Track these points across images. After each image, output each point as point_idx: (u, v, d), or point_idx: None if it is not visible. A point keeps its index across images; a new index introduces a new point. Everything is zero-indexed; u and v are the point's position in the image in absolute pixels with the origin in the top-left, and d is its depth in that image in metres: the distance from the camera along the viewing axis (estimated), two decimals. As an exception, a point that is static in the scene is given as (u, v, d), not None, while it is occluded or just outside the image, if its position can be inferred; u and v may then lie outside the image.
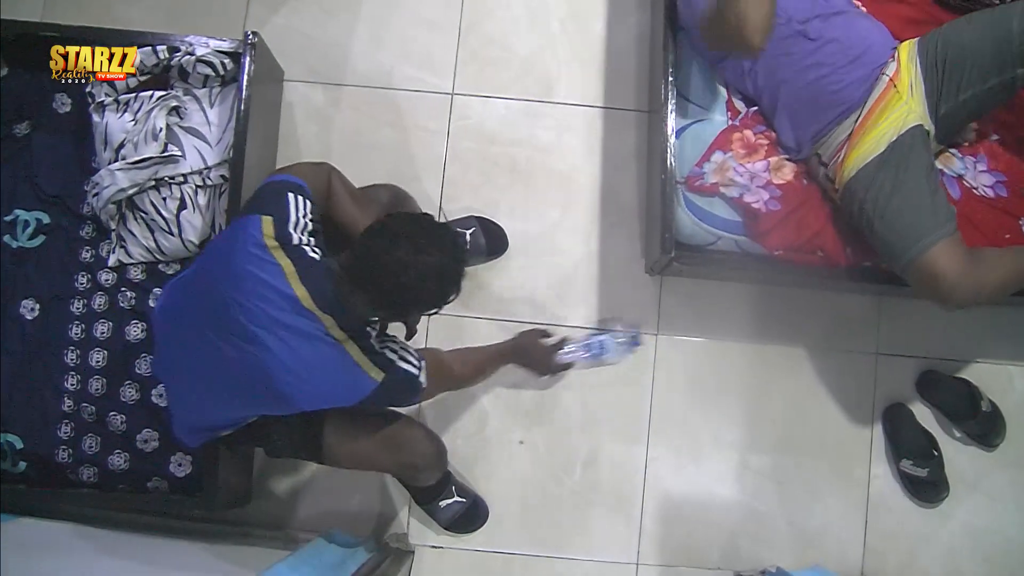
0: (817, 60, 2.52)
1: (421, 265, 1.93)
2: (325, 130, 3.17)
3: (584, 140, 3.16)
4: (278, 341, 2.00)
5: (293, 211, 2.11)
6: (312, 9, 3.28)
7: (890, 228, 2.40)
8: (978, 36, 2.41)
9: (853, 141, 2.50)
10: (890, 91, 2.49)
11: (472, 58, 3.23)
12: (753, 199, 2.63)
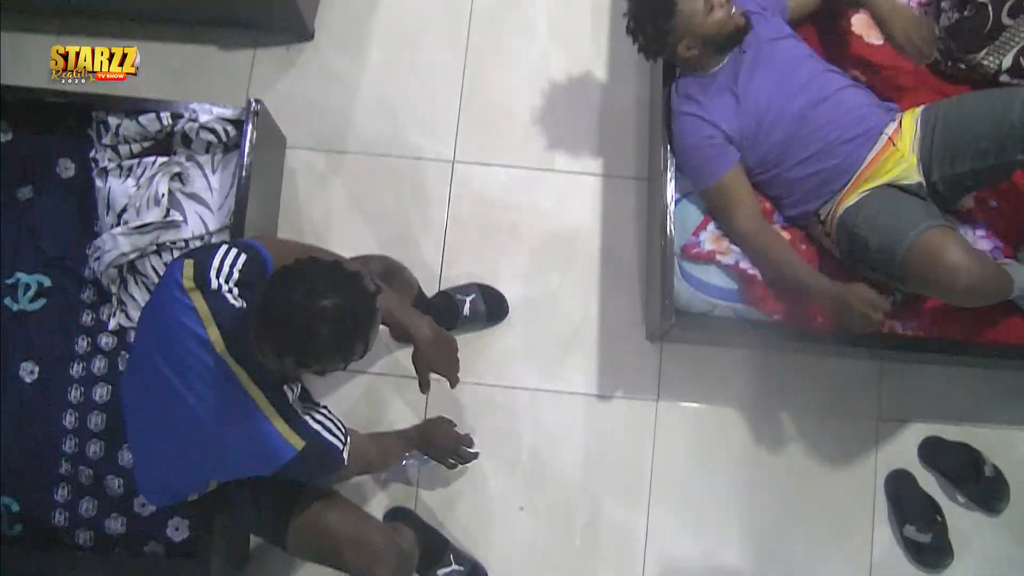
0: (818, 148, 2.58)
1: (315, 309, 1.81)
2: (326, 196, 3.21)
3: (584, 207, 3.20)
4: (195, 396, 1.97)
5: (219, 259, 2.05)
6: (315, 76, 3.35)
7: (884, 233, 2.39)
8: (980, 117, 2.45)
9: (848, 191, 2.55)
10: (888, 148, 2.54)
11: (473, 125, 3.29)
12: (748, 265, 2.66)
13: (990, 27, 2.67)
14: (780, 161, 2.64)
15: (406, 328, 2.28)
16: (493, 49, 3.38)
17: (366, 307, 1.89)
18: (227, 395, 1.97)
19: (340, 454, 2.12)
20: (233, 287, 2.04)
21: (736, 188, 2.64)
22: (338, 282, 1.86)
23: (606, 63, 3.35)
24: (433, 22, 3.42)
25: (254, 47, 3.37)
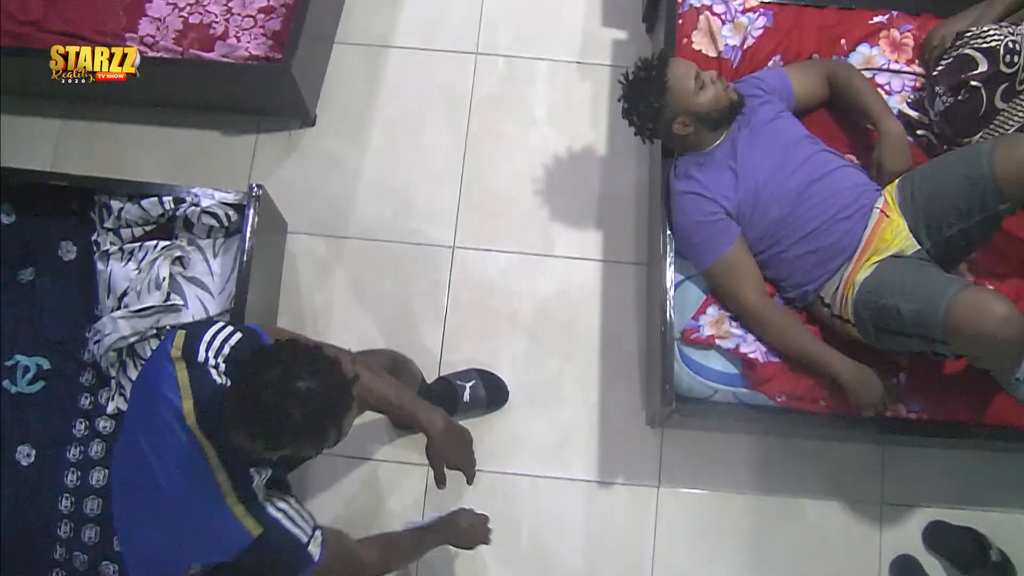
0: (815, 226, 2.61)
1: (288, 391, 1.78)
2: (327, 281, 3.24)
3: (584, 292, 3.23)
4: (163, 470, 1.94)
5: (212, 333, 2.04)
6: (316, 162, 3.40)
7: (915, 299, 2.36)
8: (954, 179, 2.50)
9: (855, 269, 2.56)
10: (883, 220, 2.58)
11: (473, 210, 3.33)
12: (750, 349, 2.67)
13: (984, 111, 2.72)
14: (777, 240, 2.66)
15: (419, 422, 2.24)
16: (493, 135, 3.45)
17: (341, 393, 1.87)
18: (191, 471, 1.93)
19: (303, 549, 2.05)
20: (221, 363, 2.01)
21: (742, 263, 2.67)
22: (315, 366, 1.84)
23: (605, 148, 3.41)
24: (434, 108, 3.48)
25: (256, 132, 3.43)
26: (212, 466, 1.93)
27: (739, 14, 3.05)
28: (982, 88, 2.68)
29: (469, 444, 2.31)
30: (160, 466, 1.94)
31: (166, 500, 1.96)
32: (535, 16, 3.63)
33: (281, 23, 3.27)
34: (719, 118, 2.69)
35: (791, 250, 2.65)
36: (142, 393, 2.06)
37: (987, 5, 2.88)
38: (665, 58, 2.68)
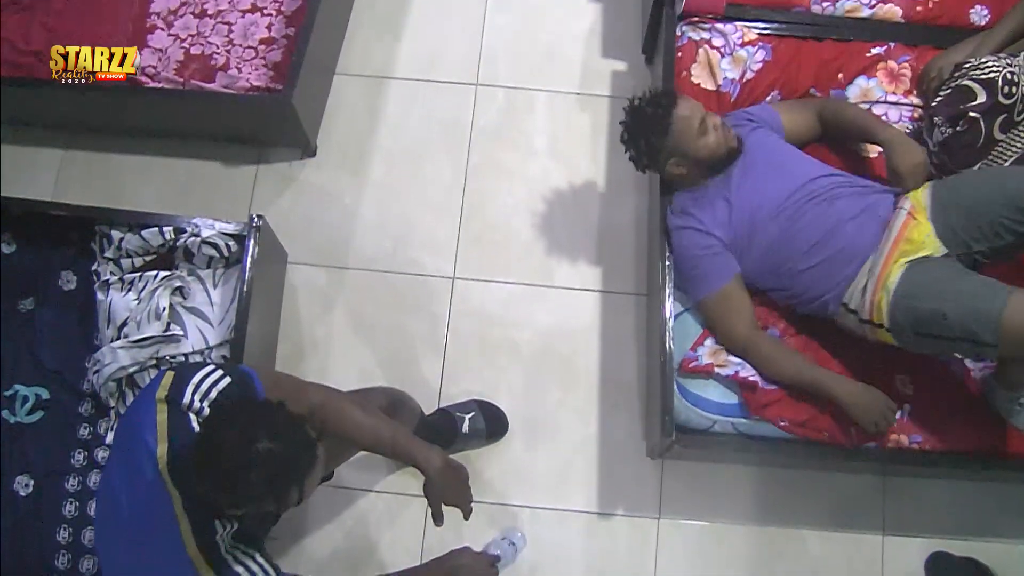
0: (820, 235, 2.62)
1: (248, 453, 1.77)
2: (327, 312, 3.25)
3: (584, 323, 3.24)
4: (131, 511, 1.94)
5: (201, 376, 2.02)
6: (316, 193, 3.42)
7: (962, 303, 2.33)
8: (991, 197, 2.50)
9: (883, 271, 2.53)
10: (910, 222, 2.57)
11: (473, 242, 3.35)
12: (749, 373, 2.68)
13: (983, 142, 2.74)
14: (786, 256, 2.67)
15: (416, 462, 2.23)
16: (493, 166, 3.47)
17: (304, 454, 1.85)
18: (156, 516, 1.92)
19: None
20: (206, 407, 1.99)
21: (734, 298, 2.69)
22: (276, 426, 1.82)
23: (604, 180, 3.44)
24: (434, 140, 3.51)
25: (257, 163, 3.46)
26: (176, 513, 1.91)
27: (738, 47, 3.08)
28: (981, 119, 2.70)
29: (466, 481, 2.30)
30: (129, 506, 1.95)
31: (131, 541, 1.96)
32: (535, 48, 3.67)
33: (282, 54, 3.30)
34: (715, 164, 2.72)
35: (801, 263, 2.65)
36: (124, 431, 2.07)
37: (985, 36, 2.92)
38: (673, 98, 2.70)
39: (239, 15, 3.37)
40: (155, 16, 3.38)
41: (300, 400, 2.13)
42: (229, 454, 1.76)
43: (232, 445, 1.76)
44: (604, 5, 3.74)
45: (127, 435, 2.00)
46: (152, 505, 1.92)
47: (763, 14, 3.17)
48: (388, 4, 3.74)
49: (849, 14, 3.16)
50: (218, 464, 1.77)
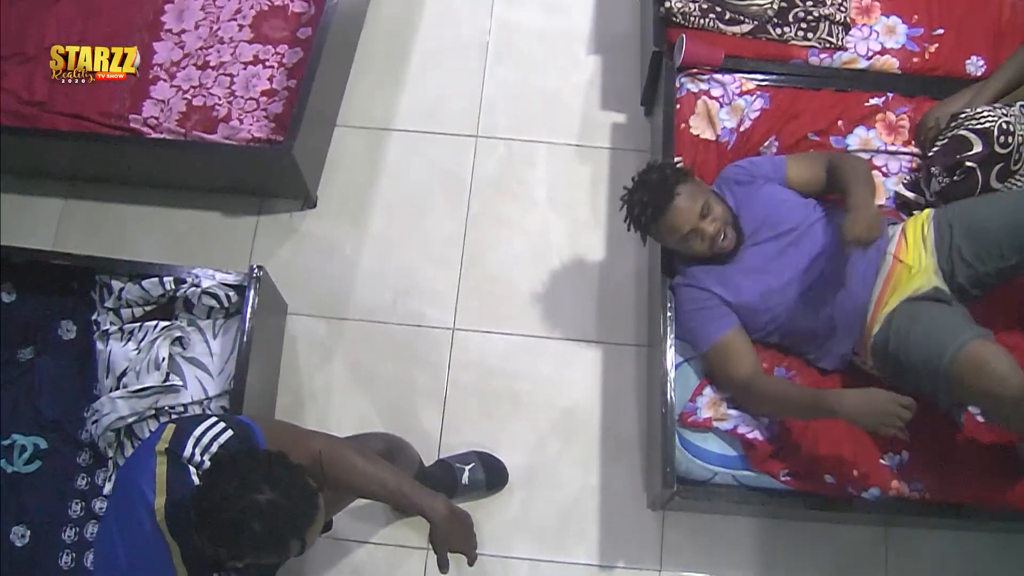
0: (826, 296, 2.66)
1: (247, 504, 1.77)
2: (327, 363, 3.27)
3: (584, 374, 3.25)
4: (128, 563, 1.94)
5: (202, 429, 2.02)
6: (317, 243, 3.45)
7: (923, 348, 2.39)
8: (997, 222, 2.54)
9: (872, 319, 2.60)
10: (896, 266, 2.62)
11: (473, 293, 3.37)
12: (748, 430, 2.69)
13: (980, 191, 2.78)
14: (795, 329, 2.73)
15: (421, 509, 2.22)
16: (493, 217, 3.51)
17: (305, 504, 1.86)
18: (155, 567, 1.93)
19: None
20: (207, 460, 1.99)
21: (735, 347, 2.70)
22: (276, 477, 1.83)
23: (605, 231, 3.47)
24: (434, 191, 3.55)
25: (258, 214, 3.49)
26: (175, 565, 1.91)
27: (736, 97, 3.13)
28: (977, 169, 2.75)
29: (471, 528, 2.29)
30: (127, 558, 1.95)
31: None
32: (535, 99, 3.72)
33: (283, 106, 3.34)
34: (709, 261, 2.77)
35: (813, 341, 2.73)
36: (122, 483, 2.08)
37: (981, 87, 2.97)
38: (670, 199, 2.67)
39: (241, 67, 3.42)
40: (158, 67, 3.43)
41: (301, 449, 2.13)
42: (230, 505, 1.76)
43: (233, 496, 1.77)
44: (603, 57, 3.80)
45: (125, 486, 2.01)
46: (150, 556, 1.92)
47: (761, 66, 3.23)
48: (389, 57, 3.80)
49: (846, 66, 3.23)
50: (219, 515, 1.77)
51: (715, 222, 2.68)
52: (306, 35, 3.49)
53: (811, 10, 3.20)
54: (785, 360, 2.82)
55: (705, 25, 3.22)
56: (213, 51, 3.46)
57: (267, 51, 3.46)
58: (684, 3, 3.20)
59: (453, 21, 3.90)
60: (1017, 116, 2.75)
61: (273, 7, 3.54)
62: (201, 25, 3.51)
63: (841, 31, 3.22)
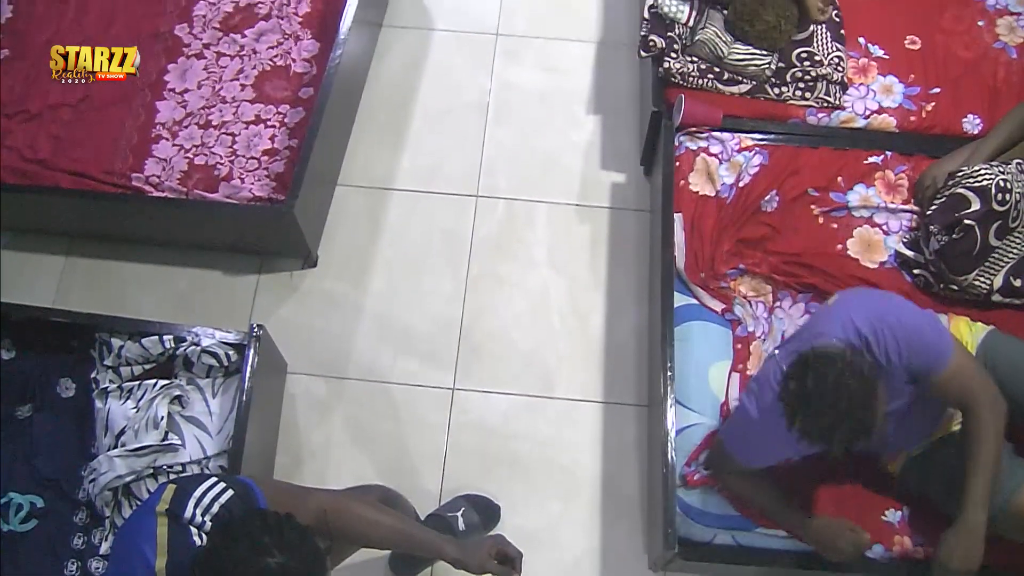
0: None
1: (259, 568, 1.76)
2: (326, 422, 3.28)
3: (585, 434, 3.26)
4: None
5: (203, 490, 2.01)
6: (317, 302, 3.48)
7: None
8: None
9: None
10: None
11: (473, 352, 3.39)
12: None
13: (979, 249, 2.82)
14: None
15: (436, 548, 2.23)
16: (493, 277, 3.54)
17: (315, 567, 1.85)
18: None
19: None
20: (208, 521, 1.99)
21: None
22: (287, 540, 1.82)
23: (605, 291, 3.50)
24: (434, 250, 3.59)
25: (258, 273, 3.52)
26: None
27: (735, 153, 3.20)
28: (976, 226, 2.79)
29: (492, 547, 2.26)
30: None
31: None
32: (534, 159, 3.78)
33: (285, 165, 3.39)
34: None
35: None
36: (121, 544, 2.07)
37: (979, 145, 3.02)
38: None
39: (243, 126, 3.48)
40: (160, 126, 3.48)
41: (303, 507, 2.13)
42: (239, 569, 1.76)
43: (242, 560, 1.76)
44: (602, 117, 3.87)
45: (124, 547, 2.00)
46: None
47: (759, 125, 3.30)
48: (390, 117, 3.87)
49: (844, 125, 3.29)
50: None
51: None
52: (308, 95, 3.54)
53: (808, 70, 3.26)
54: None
55: (704, 85, 3.29)
56: (215, 110, 3.52)
57: (269, 111, 3.52)
58: (683, 64, 3.27)
59: (453, 82, 3.97)
60: (1014, 174, 2.81)
61: (275, 67, 3.61)
62: (204, 84, 3.57)
63: (838, 90, 3.28)
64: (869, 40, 3.43)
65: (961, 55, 3.39)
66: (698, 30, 3.33)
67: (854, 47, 3.41)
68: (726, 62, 3.27)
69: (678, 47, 3.32)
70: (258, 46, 3.66)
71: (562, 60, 4.04)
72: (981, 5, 3.53)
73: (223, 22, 3.71)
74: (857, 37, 3.43)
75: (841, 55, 3.30)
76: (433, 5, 4.20)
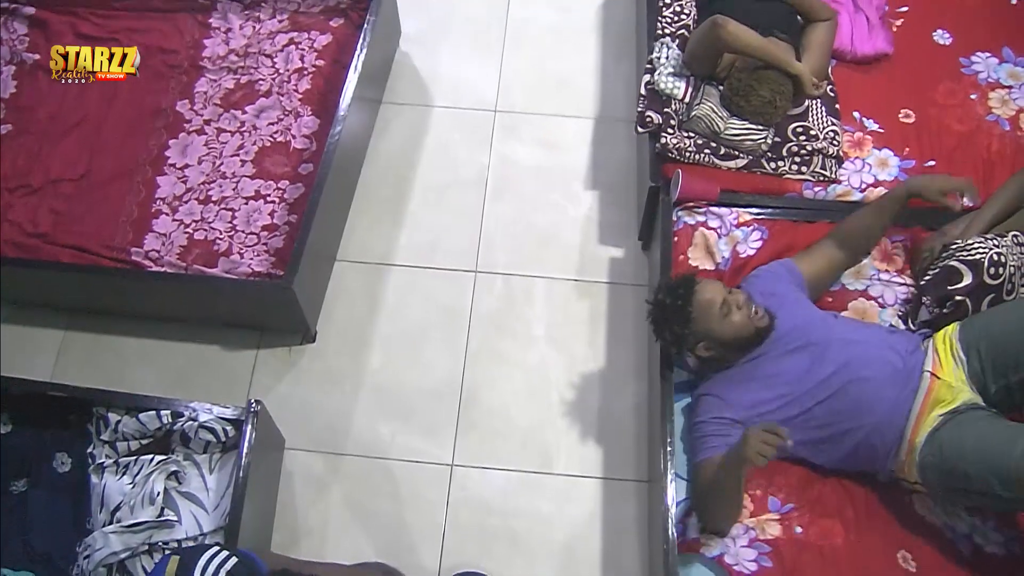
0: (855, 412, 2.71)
1: None
2: (323, 499, 3.29)
3: (584, 510, 3.27)
4: None
5: (207, 558, 2.06)
6: (315, 378, 3.51)
7: (981, 452, 2.46)
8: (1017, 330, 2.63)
9: (914, 433, 2.64)
10: (935, 383, 2.67)
11: (472, 429, 3.42)
12: (733, 561, 2.71)
13: (970, 320, 2.89)
14: (820, 439, 2.77)
15: None
16: (492, 353, 3.58)
17: None
18: None
19: None
20: None
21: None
22: None
23: (604, 366, 3.54)
24: (433, 326, 3.63)
25: (257, 348, 3.56)
26: None
27: (733, 228, 3.25)
28: (967, 300, 2.84)
29: None
30: None
31: None
32: (533, 235, 3.85)
33: (284, 241, 3.46)
34: (745, 344, 2.84)
35: (839, 446, 2.76)
36: None
37: (974, 217, 3.07)
38: (692, 285, 2.83)
39: (242, 202, 3.56)
40: (160, 201, 3.56)
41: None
42: None
43: None
44: (600, 192, 3.95)
45: None
46: None
47: (756, 200, 3.35)
48: (389, 193, 3.95)
49: (841, 198, 3.35)
50: None
51: (741, 295, 2.83)
52: (307, 171, 3.62)
53: (804, 144, 3.34)
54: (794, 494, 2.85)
55: (700, 160, 3.36)
56: (215, 186, 3.60)
57: (269, 186, 3.60)
58: (679, 139, 3.35)
59: (452, 158, 4.06)
60: (1010, 246, 2.86)
61: (275, 143, 3.70)
62: (204, 160, 3.66)
63: (834, 164, 3.36)
64: (864, 114, 3.52)
65: (955, 128, 3.47)
66: (694, 106, 3.41)
67: (849, 121, 3.49)
68: (722, 137, 3.35)
69: (675, 123, 3.41)
70: (258, 122, 3.76)
71: (560, 136, 4.13)
72: (973, 79, 3.62)
73: (224, 98, 3.81)
74: (852, 111, 3.52)
75: (836, 129, 3.38)
76: (432, 82, 4.30)
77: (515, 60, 4.37)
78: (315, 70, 3.90)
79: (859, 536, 2.75)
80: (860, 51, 3.66)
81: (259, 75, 3.89)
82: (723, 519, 2.73)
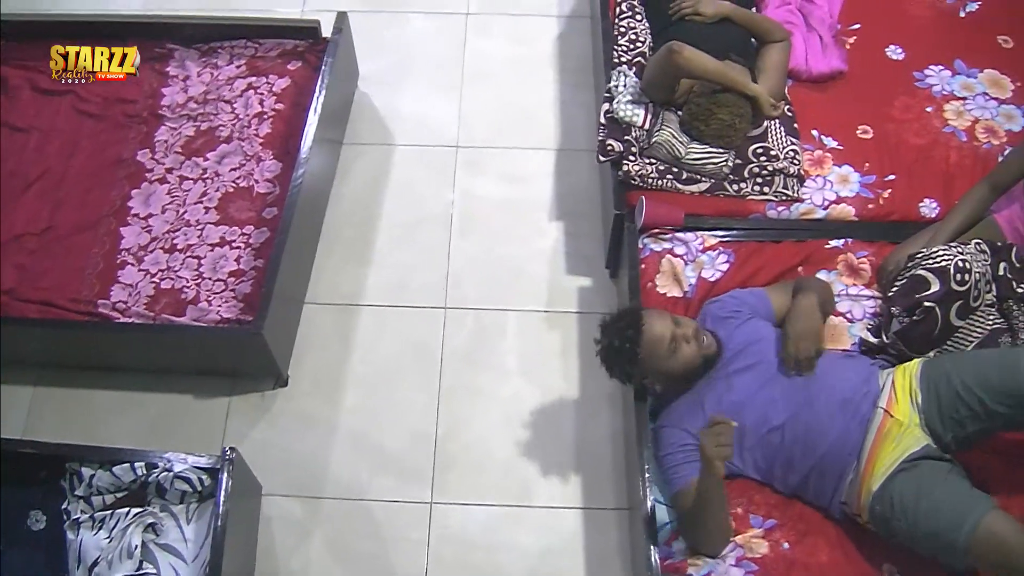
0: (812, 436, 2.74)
1: None
2: (304, 543, 3.29)
3: (566, 541, 3.28)
4: None
5: None
6: (290, 422, 3.51)
7: (934, 520, 2.47)
8: (986, 380, 2.62)
9: (865, 473, 2.65)
10: (887, 421, 2.69)
11: (450, 465, 3.43)
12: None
13: (940, 329, 2.89)
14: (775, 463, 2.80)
15: None
16: (466, 388, 3.59)
17: None
18: None
19: None
20: None
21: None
22: None
23: (578, 396, 3.56)
24: (406, 364, 3.64)
25: (230, 395, 3.56)
26: None
27: (699, 253, 3.29)
28: (936, 307, 2.86)
29: None
30: None
31: None
32: (501, 269, 3.87)
33: (251, 286, 3.46)
34: (692, 375, 2.87)
35: (792, 472, 2.79)
36: None
37: (938, 228, 3.12)
38: (639, 324, 2.83)
39: (208, 249, 3.57)
40: (125, 252, 3.57)
41: None
42: None
43: None
44: (566, 223, 3.99)
45: None
46: None
47: (721, 222, 3.40)
48: (355, 233, 3.97)
49: (804, 217, 3.41)
50: None
51: (689, 326, 2.84)
52: (272, 215, 3.64)
53: (765, 165, 3.39)
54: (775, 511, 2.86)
55: (663, 186, 3.40)
56: (180, 234, 3.61)
57: (234, 232, 3.61)
58: (641, 166, 3.39)
59: (416, 195, 4.09)
60: (974, 253, 2.90)
61: (238, 188, 3.72)
62: (168, 209, 3.67)
63: (796, 183, 3.41)
64: (822, 132, 3.57)
65: (913, 142, 3.54)
66: (654, 132, 3.45)
67: (808, 140, 3.54)
68: (684, 162, 3.39)
69: (636, 150, 3.45)
70: (220, 168, 3.77)
71: (523, 168, 4.17)
72: (928, 92, 3.69)
73: (185, 146, 3.83)
74: (811, 130, 3.57)
75: (796, 148, 3.44)
76: (392, 121, 4.34)
77: (475, 95, 4.41)
78: (275, 114, 3.92)
79: (844, 551, 2.76)
80: (815, 70, 3.71)
81: (219, 121, 3.91)
82: (715, 540, 2.74)
